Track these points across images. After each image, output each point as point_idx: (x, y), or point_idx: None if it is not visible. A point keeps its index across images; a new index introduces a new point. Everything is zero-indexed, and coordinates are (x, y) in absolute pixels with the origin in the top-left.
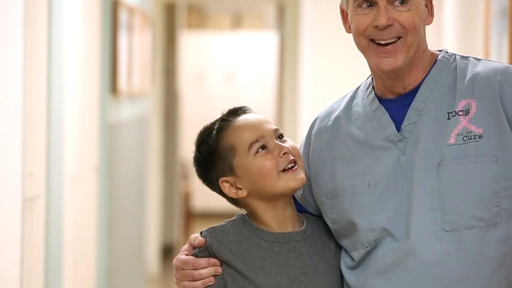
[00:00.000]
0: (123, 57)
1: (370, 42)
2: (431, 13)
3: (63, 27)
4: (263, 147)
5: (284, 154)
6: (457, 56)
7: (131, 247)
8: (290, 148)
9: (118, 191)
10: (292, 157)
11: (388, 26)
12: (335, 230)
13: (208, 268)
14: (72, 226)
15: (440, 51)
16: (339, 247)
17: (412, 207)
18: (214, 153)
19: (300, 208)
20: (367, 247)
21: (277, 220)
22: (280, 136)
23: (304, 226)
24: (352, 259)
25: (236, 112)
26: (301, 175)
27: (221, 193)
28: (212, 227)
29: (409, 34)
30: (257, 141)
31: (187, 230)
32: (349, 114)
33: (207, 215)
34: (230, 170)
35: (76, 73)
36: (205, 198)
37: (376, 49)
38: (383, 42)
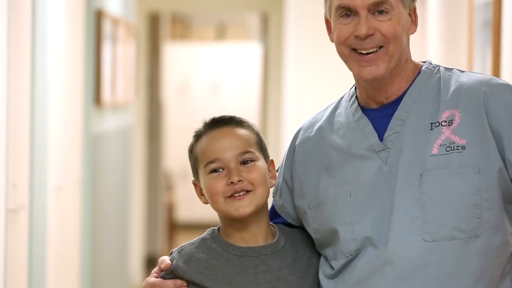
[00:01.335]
0: (107, 68)
1: (352, 51)
2: (414, 23)
3: (47, 37)
4: (218, 169)
5: (231, 183)
6: (441, 67)
7: (115, 258)
8: (244, 178)
9: (102, 202)
10: (241, 188)
11: (369, 36)
12: (317, 240)
13: None
14: (56, 237)
15: (424, 62)
16: (313, 258)
17: (393, 216)
18: (190, 154)
19: (278, 218)
20: (348, 256)
21: (243, 235)
22: (246, 161)
23: (276, 238)
24: (332, 268)
25: (216, 123)
26: (245, 207)
27: None
28: (181, 247)
29: (390, 44)
30: (213, 162)
31: (170, 241)
32: (332, 124)
33: (190, 226)
34: (197, 176)
35: (60, 83)
36: (188, 209)
37: (358, 58)
38: (364, 52)
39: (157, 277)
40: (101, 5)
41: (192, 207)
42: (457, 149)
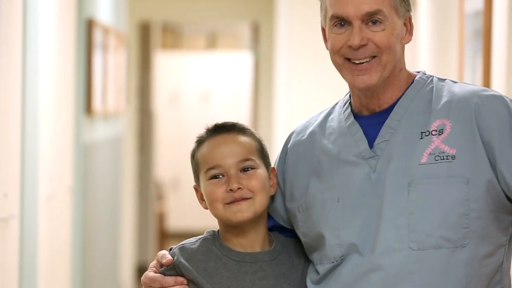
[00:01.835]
0: (97, 77)
1: (346, 61)
2: (409, 32)
3: (38, 46)
4: (218, 175)
5: (230, 190)
6: (434, 78)
7: (106, 267)
8: (243, 185)
9: (93, 211)
10: (240, 196)
11: (362, 46)
12: (306, 243)
13: (175, 287)
14: (47, 246)
15: (418, 72)
16: (307, 269)
17: (380, 224)
18: (192, 159)
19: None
20: (333, 262)
21: (241, 241)
22: (246, 169)
23: (273, 246)
24: (317, 273)
25: (218, 129)
26: (243, 212)
27: None
28: (182, 244)
29: (384, 54)
30: (213, 168)
31: (161, 250)
32: (324, 129)
33: (181, 235)
34: (198, 182)
35: (51, 93)
36: (179, 218)
37: (351, 67)
38: (357, 61)
39: (155, 272)
40: (92, 14)
41: (183, 216)
42: (447, 159)
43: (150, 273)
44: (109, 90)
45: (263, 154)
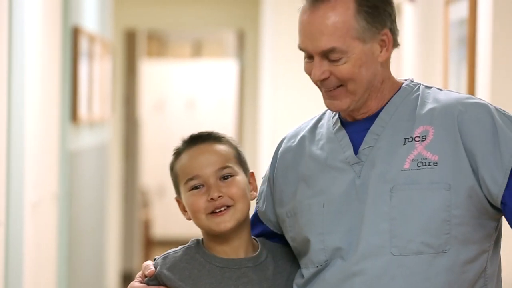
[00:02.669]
0: (83, 85)
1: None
2: (387, 48)
3: (24, 54)
4: (198, 186)
5: (211, 199)
6: (421, 85)
7: (91, 275)
8: (223, 193)
9: (78, 218)
10: (221, 203)
11: (324, 79)
12: (295, 248)
13: None
14: (32, 253)
15: (406, 80)
16: (293, 274)
17: (362, 229)
18: (172, 171)
19: (261, 225)
20: (317, 266)
21: (224, 249)
22: (225, 177)
23: (258, 252)
24: (303, 276)
25: (194, 139)
26: (226, 222)
27: None
28: (165, 254)
29: (348, 84)
30: (192, 179)
31: (147, 257)
32: (314, 135)
33: (167, 243)
34: (179, 193)
35: (37, 100)
36: (164, 225)
37: (323, 92)
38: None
39: (141, 282)
40: (77, 22)
41: (168, 224)
42: (429, 165)
43: (135, 283)
44: (94, 97)
45: (240, 161)
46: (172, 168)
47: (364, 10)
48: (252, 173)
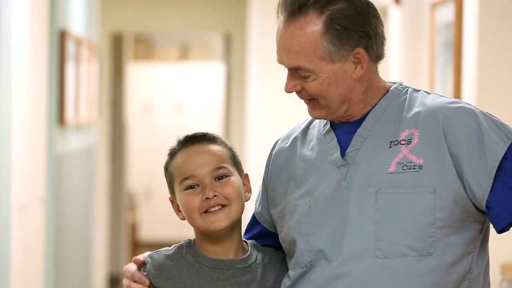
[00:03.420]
0: (70, 88)
1: None
2: (362, 66)
3: (11, 57)
4: (193, 186)
5: (206, 199)
6: (410, 89)
7: (78, 277)
8: (219, 193)
9: (65, 221)
10: (216, 203)
11: (296, 91)
12: (285, 249)
13: None
14: (19, 256)
15: (395, 83)
16: (281, 277)
17: (346, 231)
18: (166, 171)
19: (257, 227)
20: (302, 267)
21: (216, 249)
22: (220, 177)
23: (247, 254)
24: (290, 278)
25: (189, 140)
26: (221, 221)
27: None
28: (156, 252)
29: (319, 99)
30: (187, 178)
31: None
32: (306, 136)
33: (153, 245)
34: (173, 193)
35: (24, 103)
36: (151, 228)
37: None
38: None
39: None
40: (64, 25)
41: (155, 226)
42: (414, 168)
43: (131, 267)
44: (81, 100)
45: (235, 162)
46: (166, 168)
47: (331, 33)
48: (247, 174)
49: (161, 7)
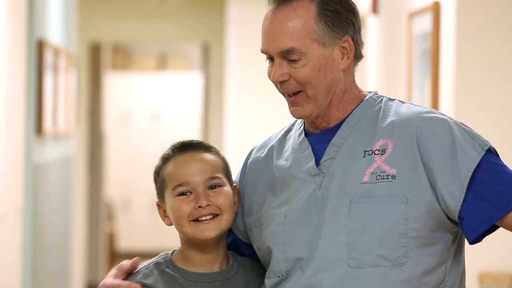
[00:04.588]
0: (48, 97)
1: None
2: (348, 56)
3: None
4: (186, 192)
5: (199, 207)
6: (384, 98)
7: (56, 287)
8: (212, 202)
9: (43, 231)
10: (209, 212)
11: (284, 81)
12: (261, 258)
13: None
14: None
15: (370, 92)
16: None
17: (320, 240)
18: (157, 176)
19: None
20: (278, 276)
21: (201, 259)
22: (213, 186)
23: (229, 265)
24: (265, 287)
25: (185, 146)
26: (211, 231)
27: None
28: (137, 271)
29: (307, 88)
30: (181, 185)
31: (111, 270)
32: (282, 145)
33: (131, 255)
34: (162, 198)
35: (1, 113)
36: (129, 238)
37: (286, 98)
38: (287, 94)
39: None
40: (42, 34)
41: (133, 236)
42: (387, 178)
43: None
44: (59, 110)
45: (227, 172)
46: (158, 172)
47: (325, 14)
48: (236, 186)
49: (139, 17)
